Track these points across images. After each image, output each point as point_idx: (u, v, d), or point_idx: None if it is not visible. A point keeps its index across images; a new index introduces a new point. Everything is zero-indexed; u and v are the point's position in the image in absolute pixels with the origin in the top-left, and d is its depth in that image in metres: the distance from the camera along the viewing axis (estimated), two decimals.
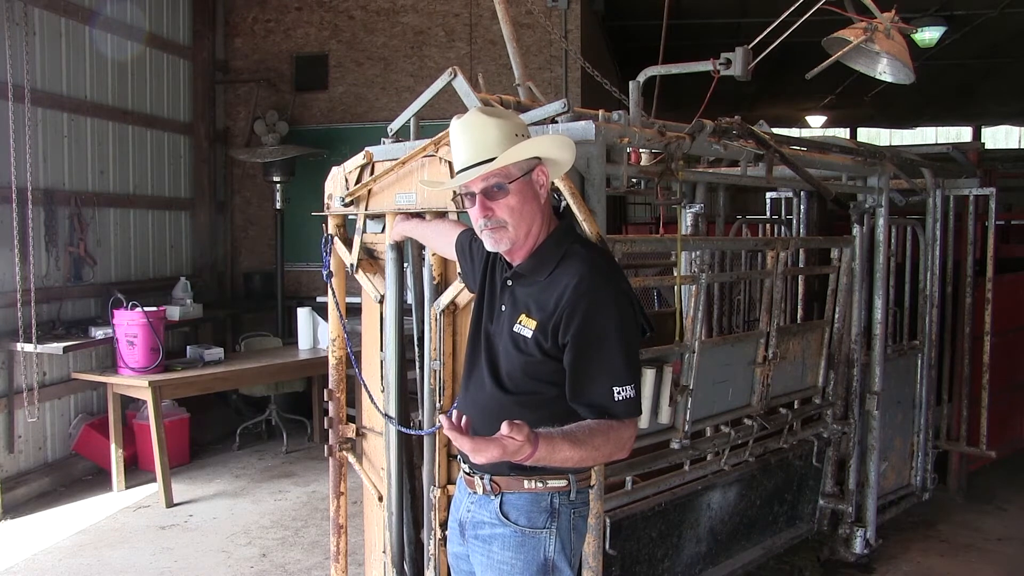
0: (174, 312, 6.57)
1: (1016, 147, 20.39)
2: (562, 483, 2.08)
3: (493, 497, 2.10)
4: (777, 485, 3.98)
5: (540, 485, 2.07)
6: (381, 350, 3.12)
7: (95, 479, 5.91)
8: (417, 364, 2.97)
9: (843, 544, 4.30)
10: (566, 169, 2.18)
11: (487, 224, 2.05)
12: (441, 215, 2.82)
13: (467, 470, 2.18)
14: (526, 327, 2.03)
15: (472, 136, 2.03)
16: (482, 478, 2.10)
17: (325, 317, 5.49)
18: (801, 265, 4.74)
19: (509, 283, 2.13)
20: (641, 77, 3.10)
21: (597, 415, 1.94)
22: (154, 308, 5.63)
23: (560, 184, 2.37)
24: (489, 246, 2.10)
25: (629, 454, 2.02)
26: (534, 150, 2.04)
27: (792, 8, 3.42)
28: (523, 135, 2.04)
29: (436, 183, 2.46)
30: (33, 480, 5.62)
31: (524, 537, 2.08)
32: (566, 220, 2.17)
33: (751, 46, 3.05)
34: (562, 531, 2.09)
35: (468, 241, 2.43)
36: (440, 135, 2.66)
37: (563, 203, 2.43)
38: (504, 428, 1.72)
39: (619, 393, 1.94)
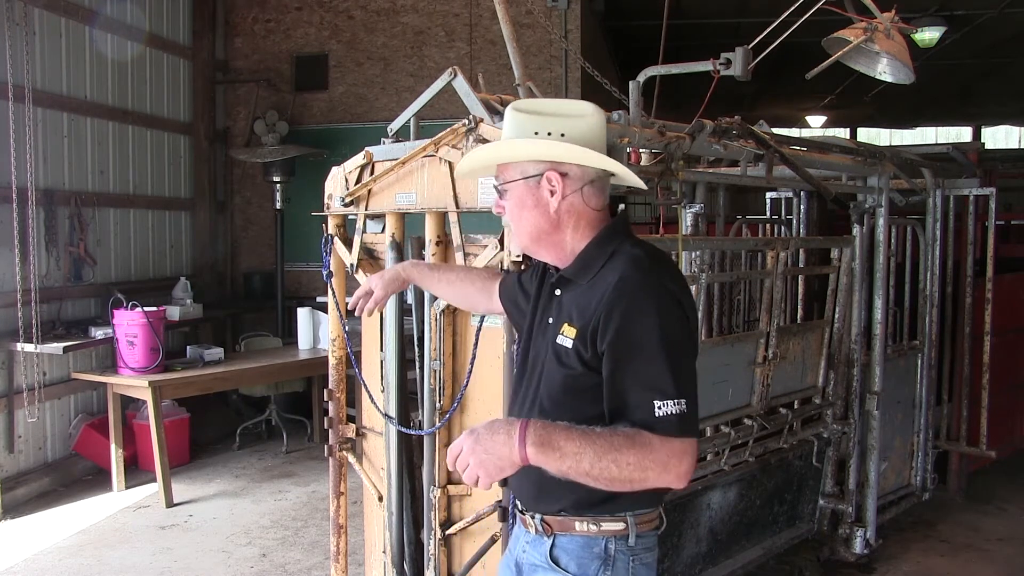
0: (174, 312, 6.57)
1: (1016, 147, 20.39)
2: (619, 526, 1.81)
3: (546, 538, 1.87)
4: (777, 485, 3.98)
5: (593, 528, 1.82)
6: (381, 350, 3.12)
7: (95, 479, 5.91)
8: (417, 364, 2.97)
9: (843, 544, 4.30)
10: (630, 182, 1.95)
11: (503, 220, 1.95)
12: (440, 215, 2.81)
13: (520, 507, 1.96)
14: (568, 337, 1.80)
15: (505, 127, 1.88)
16: (533, 517, 1.89)
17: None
18: (801, 265, 4.73)
19: (557, 292, 1.91)
20: (641, 77, 3.10)
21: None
22: (154, 308, 5.63)
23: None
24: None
25: (682, 485, 1.67)
26: (534, 153, 1.82)
27: (792, 8, 3.42)
28: (549, 134, 1.80)
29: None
30: (33, 480, 5.62)
31: None
32: (616, 219, 1.92)
33: (751, 46, 3.05)
34: None
35: (516, 279, 2.19)
36: (440, 135, 2.66)
37: (620, 205, 2.30)
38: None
39: (660, 408, 1.64)
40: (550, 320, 1.90)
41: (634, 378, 1.68)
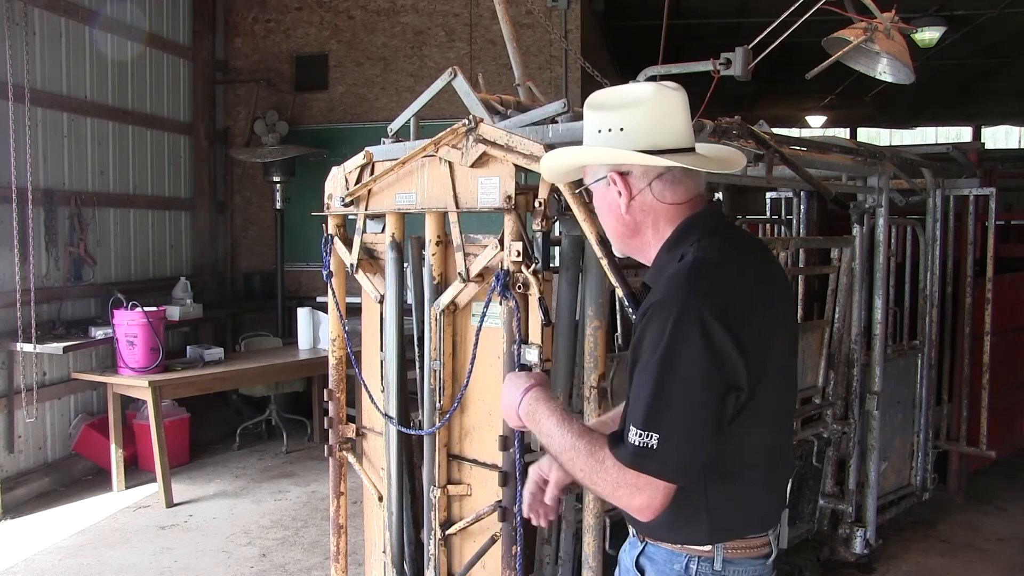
0: (174, 312, 6.57)
1: (1016, 147, 20.37)
2: (704, 548, 1.69)
3: (640, 543, 1.80)
4: None
5: (677, 544, 1.72)
6: (381, 350, 3.12)
7: (95, 479, 5.91)
8: (417, 364, 2.97)
9: (843, 544, 4.30)
10: (728, 169, 1.82)
11: None
12: (440, 215, 2.81)
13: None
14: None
15: None
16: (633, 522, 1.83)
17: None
18: (801, 265, 4.74)
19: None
20: (641, 77, 3.10)
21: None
22: (154, 308, 5.63)
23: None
24: None
25: (642, 518, 1.57)
26: (587, 157, 1.75)
27: (792, 8, 3.42)
28: (610, 130, 1.68)
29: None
30: (33, 480, 5.62)
31: None
32: (694, 214, 1.72)
33: (751, 46, 3.05)
34: None
35: None
36: (440, 135, 2.66)
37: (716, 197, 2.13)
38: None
39: (631, 433, 1.51)
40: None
41: (631, 393, 1.57)
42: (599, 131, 1.70)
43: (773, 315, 1.69)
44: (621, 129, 1.67)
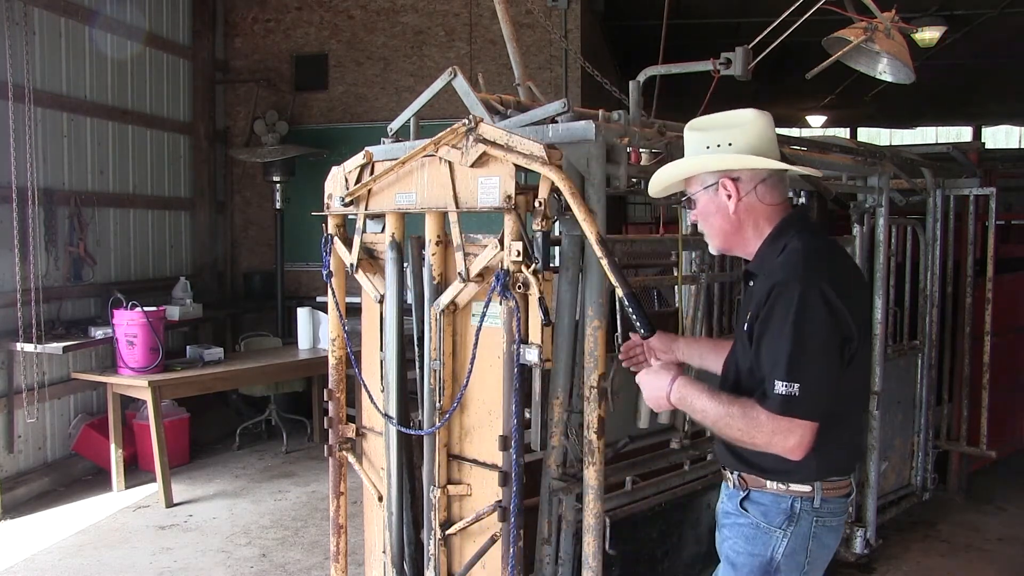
0: (174, 312, 6.57)
1: (1016, 147, 20.37)
2: (805, 488, 2.10)
3: (741, 492, 2.18)
4: None
5: (782, 487, 2.11)
6: (381, 350, 3.12)
7: (95, 479, 5.91)
8: (417, 364, 2.97)
9: (843, 544, 4.29)
10: (796, 172, 2.30)
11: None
12: (440, 215, 2.81)
13: (722, 465, 2.28)
14: (748, 325, 2.08)
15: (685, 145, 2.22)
16: (732, 473, 2.20)
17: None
18: None
19: (750, 284, 2.20)
20: (641, 77, 3.10)
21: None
22: (154, 308, 5.62)
23: (560, 184, 2.36)
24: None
25: (795, 458, 1.96)
26: (710, 165, 2.13)
27: (792, 8, 3.42)
28: (722, 146, 2.12)
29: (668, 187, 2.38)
30: (33, 480, 5.62)
31: (757, 531, 2.14)
32: (790, 213, 2.19)
33: (751, 46, 3.05)
34: (798, 536, 2.10)
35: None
36: (440, 135, 2.66)
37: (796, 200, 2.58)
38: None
39: (775, 386, 1.93)
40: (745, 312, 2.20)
41: (765, 356, 1.98)
42: (707, 147, 2.14)
43: (860, 292, 2.26)
44: (729, 144, 2.12)
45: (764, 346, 1.99)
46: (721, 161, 2.12)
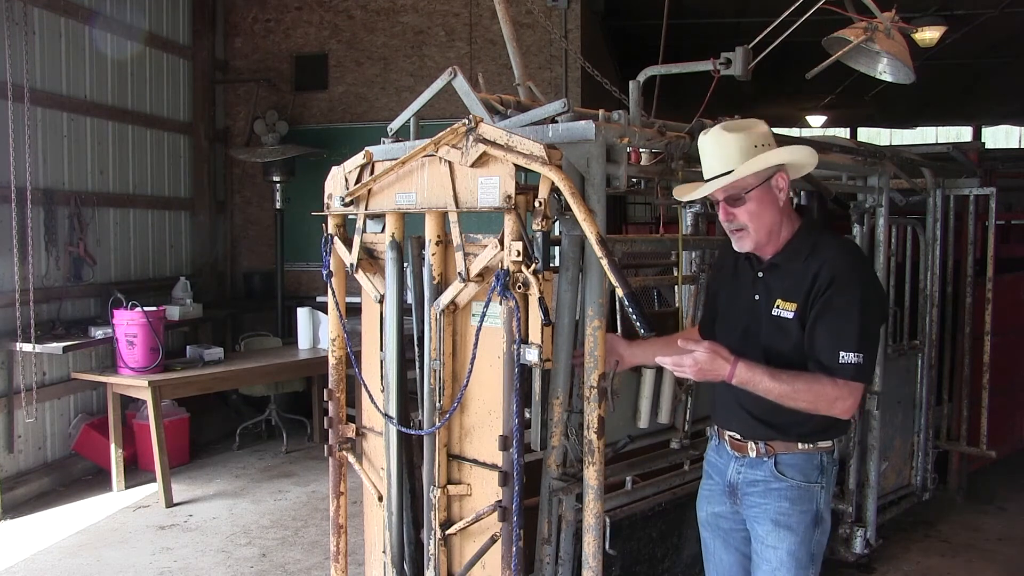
0: (174, 312, 6.57)
1: (1016, 147, 20.37)
2: (828, 444, 2.43)
3: (767, 459, 2.43)
4: None
5: (811, 446, 2.42)
6: (381, 350, 3.12)
7: (95, 479, 5.91)
8: (417, 364, 2.97)
9: (843, 544, 4.29)
10: (808, 170, 2.51)
11: (729, 227, 2.41)
12: (440, 215, 2.81)
13: (738, 437, 2.50)
14: (785, 310, 2.35)
15: (716, 150, 2.34)
16: (756, 443, 2.44)
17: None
18: None
19: (760, 275, 2.44)
20: (641, 77, 3.09)
21: (820, 371, 2.25)
22: (154, 308, 5.63)
23: (560, 184, 2.36)
24: (736, 246, 2.44)
25: (847, 417, 2.31)
26: (771, 160, 2.31)
27: (792, 8, 3.42)
28: (765, 145, 2.32)
29: (686, 189, 2.62)
30: (33, 480, 5.62)
31: (800, 491, 2.41)
32: (808, 216, 2.48)
33: (751, 46, 3.04)
34: (828, 486, 2.45)
35: (708, 283, 2.96)
36: (440, 135, 2.66)
37: (795, 200, 2.78)
38: (691, 345, 2.26)
39: (844, 356, 2.22)
40: (756, 297, 2.44)
41: (829, 329, 2.25)
42: (756, 146, 2.31)
43: None
44: (766, 144, 2.33)
45: (827, 323, 2.26)
46: (801, 151, 2.38)
